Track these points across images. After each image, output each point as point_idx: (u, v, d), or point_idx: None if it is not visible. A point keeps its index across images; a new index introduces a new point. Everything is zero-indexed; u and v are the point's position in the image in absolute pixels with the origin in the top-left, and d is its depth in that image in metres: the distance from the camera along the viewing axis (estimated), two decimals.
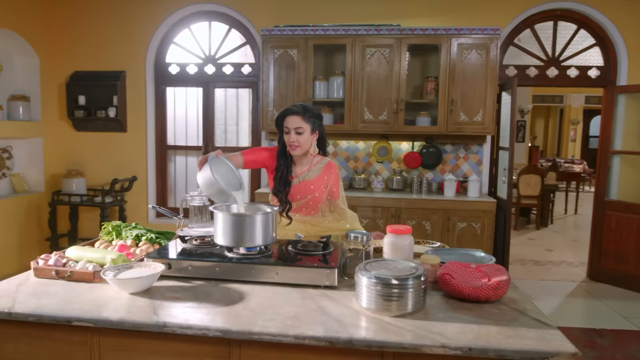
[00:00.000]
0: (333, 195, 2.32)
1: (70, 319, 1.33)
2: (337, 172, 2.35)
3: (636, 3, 4.31)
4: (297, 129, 2.13)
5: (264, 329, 1.27)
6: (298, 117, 2.13)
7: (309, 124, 2.15)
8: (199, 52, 4.93)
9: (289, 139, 2.16)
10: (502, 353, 1.19)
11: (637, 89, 4.34)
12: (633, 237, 4.31)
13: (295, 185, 2.24)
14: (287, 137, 2.16)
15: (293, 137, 2.14)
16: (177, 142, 5.07)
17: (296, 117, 2.13)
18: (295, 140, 2.14)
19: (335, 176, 2.31)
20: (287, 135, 2.16)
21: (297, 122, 2.13)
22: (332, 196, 2.32)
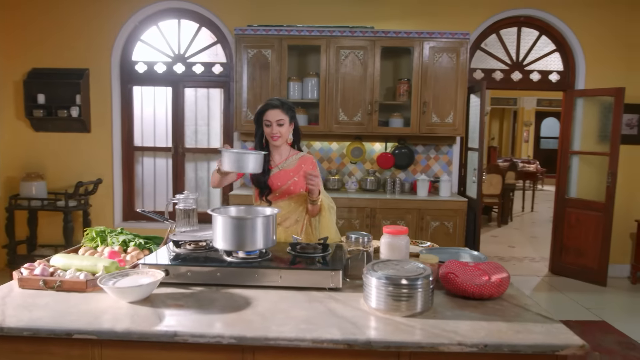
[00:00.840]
0: None
1: (71, 332, 1.25)
2: (316, 164, 2.40)
3: (593, 12, 4.58)
4: (278, 121, 2.23)
5: (280, 334, 1.25)
6: (278, 110, 2.23)
7: (288, 115, 2.26)
8: (168, 51, 4.79)
9: (271, 131, 2.24)
10: (516, 348, 1.23)
11: (593, 93, 4.60)
12: (591, 232, 4.57)
13: (275, 174, 2.32)
14: (269, 130, 2.25)
15: (275, 129, 2.24)
16: (145, 143, 4.90)
17: (276, 111, 2.23)
18: (277, 131, 2.24)
19: (314, 167, 2.37)
20: (268, 128, 2.25)
21: (277, 114, 2.23)
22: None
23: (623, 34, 4.60)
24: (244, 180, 4.78)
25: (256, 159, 1.90)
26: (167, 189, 4.92)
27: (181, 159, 4.87)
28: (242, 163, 1.87)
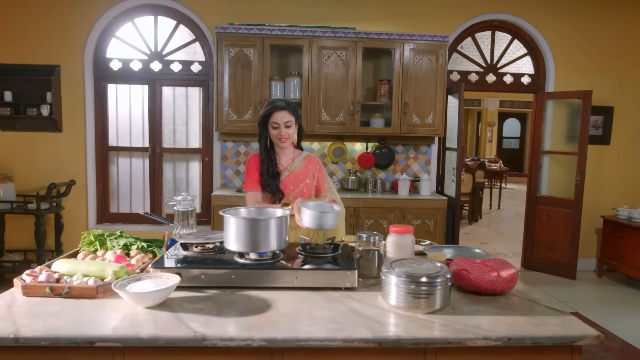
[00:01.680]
0: (319, 189, 2.41)
1: (93, 340, 1.21)
2: (320, 163, 2.44)
3: (563, 18, 4.80)
4: (286, 123, 2.22)
5: (311, 334, 1.25)
6: (285, 111, 2.22)
7: (294, 116, 2.26)
8: (144, 48, 4.65)
9: (279, 133, 2.23)
10: (537, 340, 1.28)
11: (562, 96, 4.83)
12: (561, 228, 4.79)
13: (286, 178, 2.31)
14: (277, 132, 2.23)
15: (284, 131, 2.23)
16: (121, 142, 4.74)
17: (284, 112, 2.22)
18: (285, 133, 2.23)
19: (319, 166, 2.41)
20: (275, 130, 2.23)
21: (285, 116, 2.22)
22: (318, 189, 2.40)
23: (591, 39, 4.85)
24: (225, 181, 4.72)
25: (335, 216, 1.87)
26: (143, 190, 4.78)
27: (159, 159, 4.74)
28: (323, 220, 1.84)
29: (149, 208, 4.78)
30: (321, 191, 2.41)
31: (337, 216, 1.87)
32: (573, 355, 1.33)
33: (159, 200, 4.77)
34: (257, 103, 4.28)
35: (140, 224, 4.74)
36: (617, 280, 4.80)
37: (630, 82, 4.91)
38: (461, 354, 1.31)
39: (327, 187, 2.44)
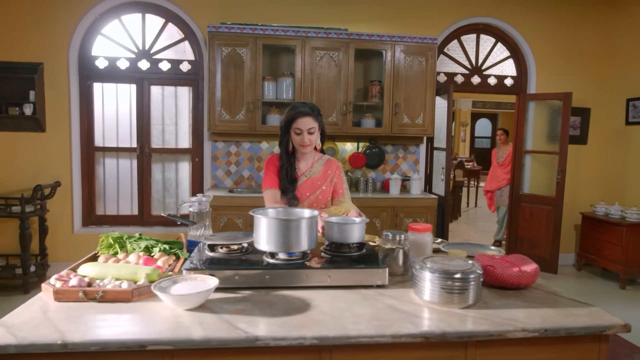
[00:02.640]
0: (335, 192, 2.37)
1: (144, 343, 1.19)
2: (340, 168, 2.40)
3: (544, 22, 4.99)
4: (310, 129, 2.18)
5: (360, 331, 1.27)
6: (310, 117, 2.17)
7: (318, 122, 2.21)
8: (131, 46, 4.55)
9: (301, 139, 2.19)
10: (571, 330, 1.35)
11: (544, 97, 5.02)
12: (543, 225, 4.99)
13: (303, 183, 2.28)
14: (300, 138, 2.19)
15: (306, 137, 2.19)
16: (107, 143, 4.62)
17: (308, 118, 2.17)
18: (308, 139, 2.19)
19: (338, 171, 2.38)
20: (298, 136, 2.19)
21: (309, 122, 2.17)
22: (335, 193, 2.37)
23: (570, 43, 5.06)
24: (254, 180, 4.68)
25: (361, 227, 1.83)
26: (131, 192, 4.67)
27: (147, 159, 4.65)
28: (349, 233, 1.80)
29: (137, 209, 4.68)
30: (337, 195, 2.36)
31: (363, 228, 1.84)
32: (601, 344, 1.41)
33: (148, 201, 4.68)
34: (250, 103, 4.27)
35: (128, 226, 4.64)
36: (595, 273, 5.03)
37: (606, 84, 5.16)
38: (500, 346, 1.36)
39: (343, 193, 2.37)
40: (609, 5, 5.09)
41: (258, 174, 4.75)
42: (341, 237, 1.81)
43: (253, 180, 4.73)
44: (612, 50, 5.11)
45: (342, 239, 1.81)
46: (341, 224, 1.81)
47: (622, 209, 4.66)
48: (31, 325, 1.26)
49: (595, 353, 1.41)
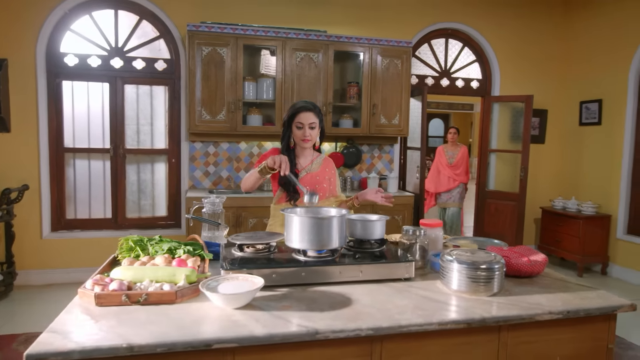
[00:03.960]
0: (332, 192, 2.46)
1: (210, 342, 1.21)
2: (335, 168, 2.50)
3: (507, 28, 5.31)
4: (311, 124, 2.26)
5: (409, 321, 1.36)
6: (311, 113, 2.26)
7: (318, 118, 2.29)
8: (103, 43, 4.39)
9: (303, 134, 2.26)
10: (589, 312, 1.50)
11: (507, 99, 5.34)
12: (508, 219, 5.31)
13: (303, 178, 2.35)
14: (301, 132, 2.26)
15: (307, 132, 2.26)
16: (78, 144, 4.42)
17: (310, 114, 2.25)
18: (309, 134, 2.26)
19: (334, 170, 2.48)
20: (300, 130, 2.26)
21: (311, 117, 2.25)
22: (331, 190, 2.45)
23: (530, 48, 5.42)
24: (233, 180, 4.60)
25: (382, 225, 1.89)
26: (104, 194, 4.50)
27: (121, 160, 4.50)
28: (371, 230, 1.87)
29: (111, 212, 4.52)
30: (333, 195, 2.44)
31: (384, 224, 1.91)
32: (610, 323, 1.58)
33: (122, 203, 4.53)
34: (231, 103, 4.24)
35: (101, 230, 4.48)
36: (554, 263, 5.42)
37: (562, 87, 5.57)
38: (527, 329, 1.49)
39: (336, 192, 2.46)
40: (563, 16, 5.49)
41: (237, 174, 4.72)
42: (364, 234, 1.89)
43: (232, 181, 4.70)
44: (567, 56, 5.52)
45: (365, 236, 1.89)
46: (365, 221, 1.89)
47: (578, 203, 5.05)
48: (86, 330, 1.24)
49: (605, 331, 1.58)
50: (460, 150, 5.80)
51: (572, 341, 1.54)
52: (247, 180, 2.20)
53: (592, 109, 5.17)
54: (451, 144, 5.91)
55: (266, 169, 2.03)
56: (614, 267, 4.93)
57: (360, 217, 1.93)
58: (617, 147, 4.90)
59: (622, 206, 4.85)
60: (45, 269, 4.30)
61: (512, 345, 1.49)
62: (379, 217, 1.95)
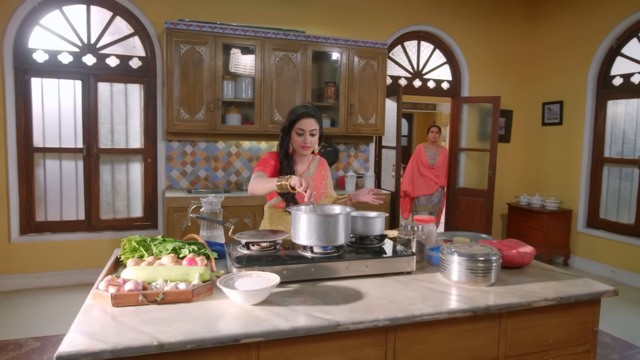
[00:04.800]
0: (325, 188, 2.50)
1: (238, 337, 1.24)
2: (328, 166, 2.54)
3: (476, 31, 5.53)
4: (312, 131, 2.25)
5: (422, 311, 1.44)
6: (313, 119, 2.24)
7: (319, 124, 2.29)
8: (75, 39, 4.25)
9: (303, 140, 2.25)
10: (579, 297, 1.64)
11: (475, 100, 5.57)
12: (477, 215, 5.54)
13: None
14: (301, 139, 2.25)
15: (308, 139, 2.25)
16: (48, 143, 4.26)
17: (312, 120, 2.24)
18: (309, 141, 2.25)
19: (327, 171, 2.52)
20: (300, 137, 2.24)
21: (312, 124, 2.24)
22: (324, 190, 2.49)
23: (497, 51, 5.67)
24: (210, 180, 4.54)
25: (382, 221, 1.98)
26: (77, 195, 4.36)
27: (95, 160, 4.37)
28: (372, 226, 1.94)
29: (84, 214, 4.38)
30: (326, 193, 2.48)
31: (383, 220, 1.99)
32: (595, 307, 1.72)
33: (96, 204, 4.40)
34: (210, 102, 4.22)
35: (74, 232, 4.34)
36: None
37: (526, 88, 5.86)
38: (524, 315, 1.61)
39: (330, 192, 2.50)
40: (526, 19, 5.78)
41: (215, 173, 4.69)
42: (365, 230, 1.96)
43: (210, 180, 4.66)
44: (531, 58, 5.82)
45: (366, 232, 1.96)
46: (365, 218, 1.96)
47: (542, 199, 5.35)
48: (111, 330, 1.24)
49: (591, 315, 1.72)
50: (442, 151, 5.54)
51: (563, 325, 1.67)
52: (259, 188, 2.05)
53: (554, 109, 5.48)
54: (432, 143, 5.55)
55: (287, 187, 1.89)
56: (575, 258, 5.26)
57: (361, 214, 2.00)
58: (577, 146, 5.22)
59: (582, 201, 5.18)
60: (14, 274, 4.12)
61: (511, 331, 1.60)
62: (379, 214, 2.02)
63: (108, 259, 4.29)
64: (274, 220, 2.40)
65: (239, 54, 4.53)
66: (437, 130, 5.53)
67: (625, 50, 4.80)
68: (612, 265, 4.83)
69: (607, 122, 5.02)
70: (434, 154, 5.50)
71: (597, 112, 5.07)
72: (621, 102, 4.88)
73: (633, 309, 3.99)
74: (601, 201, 5.08)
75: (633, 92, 4.74)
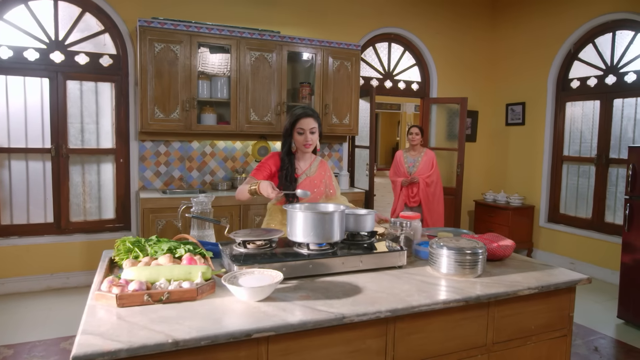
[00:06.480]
0: (332, 193, 2.56)
1: (250, 332, 1.28)
2: (329, 169, 2.61)
3: (443, 34, 5.72)
4: (312, 129, 2.34)
5: (419, 302, 1.52)
6: (312, 118, 2.34)
7: (317, 123, 2.38)
8: (41, 36, 4.10)
9: (304, 139, 2.33)
10: (558, 285, 1.77)
11: (444, 101, 5.77)
12: (446, 212, 5.71)
13: (303, 181, 2.42)
14: (302, 138, 2.33)
15: (309, 137, 2.34)
16: (13, 143, 4.09)
17: (310, 119, 2.34)
18: (310, 139, 2.34)
19: (329, 172, 2.58)
20: (301, 136, 2.33)
21: (311, 123, 2.34)
22: (331, 194, 2.56)
23: (466, 53, 5.89)
24: (185, 180, 4.46)
25: (372, 218, 2.05)
26: (45, 197, 4.21)
27: (64, 161, 4.23)
28: (363, 223, 2.01)
29: (53, 216, 4.23)
30: (334, 195, 2.54)
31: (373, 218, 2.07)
32: (571, 294, 1.86)
33: (66, 206, 4.26)
34: (185, 102, 4.17)
35: (42, 236, 4.19)
36: None
37: (490, 90, 6.12)
38: (509, 303, 1.72)
39: (335, 192, 2.56)
40: (490, 23, 6.04)
41: (189, 173, 4.64)
42: (356, 227, 2.03)
43: (184, 181, 4.61)
44: (494, 62, 6.08)
45: (357, 229, 2.03)
46: (357, 215, 2.03)
47: (506, 195, 5.61)
48: (123, 330, 1.25)
49: (568, 302, 1.86)
50: (425, 156, 4.59)
51: (544, 312, 1.80)
52: (241, 195, 2.27)
53: (517, 110, 5.75)
54: (412, 148, 4.63)
55: (257, 191, 2.13)
56: (538, 252, 5.55)
57: (352, 212, 2.07)
58: (538, 145, 5.50)
59: (543, 197, 5.47)
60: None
61: (498, 319, 1.71)
62: (368, 211, 2.10)
63: (79, 262, 4.20)
64: (274, 219, 2.46)
65: (207, 53, 4.50)
66: (417, 132, 4.57)
67: (582, 55, 5.10)
68: (571, 257, 5.13)
69: (565, 122, 5.33)
70: (414, 160, 4.61)
71: (557, 113, 5.37)
72: (578, 104, 5.19)
73: (593, 297, 4.26)
74: (561, 197, 5.39)
75: (589, 95, 5.05)
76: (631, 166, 3.64)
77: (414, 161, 4.68)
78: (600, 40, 4.92)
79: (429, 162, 4.63)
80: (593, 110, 5.03)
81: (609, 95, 4.83)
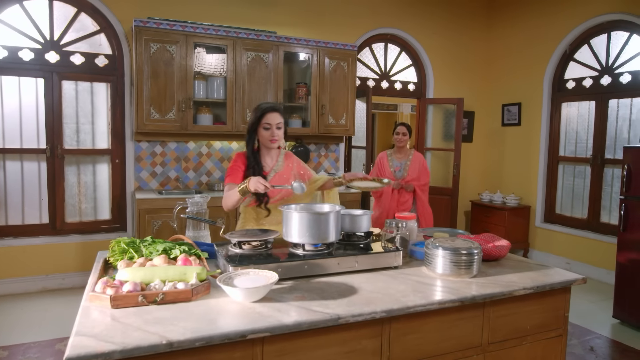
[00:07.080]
0: (306, 175, 2.54)
1: (245, 333, 1.27)
2: (298, 158, 2.58)
3: (439, 34, 5.73)
4: (278, 124, 2.31)
5: (415, 302, 1.52)
6: (277, 113, 2.31)
7: (284, 118, 2.36)
8: (37, 36, 4.08)
9: (270, 134, 2.30)
10: (553, 286, 1.77)
11: (440, 102, 5.78)
12: (442, 212, 5.74)
13: (272, 178, 2.38)
14: (269, 133, 2.30)
15: (275, 132, 2.31)
16: (8, 144, 4.07)
17: (276, 114, 2.31)
18: (276, 134, 2.31)
19: (297, 161, 2.54)
20: (267, 131, 2.30)
21: (277, 118, 2.31)
22: (307, 177, 2.53)
23: (462, 54, 5.91)
24: (181, 181, 4.45)
25: (368, 219, 2.07)
26: (40, 198, 4.19)
27: (59, 162, 4.21)
28: (359, 224, 2.03)
29: (48, 217, 4.21)
30: (310, 177, 2.52)
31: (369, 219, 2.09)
32: (566, 294, 1.87)
33: (61, 207, 4.24)
34: (182, 102, 4.16)
35: (37, 237, 4.17)
36: None
37: (487, 90, 6.13)
38: (504, 303, 1.72)
39: (311, 174, 2.55)
40: (486, 25, 6.06)
41: (185, 174, 4.63)
42: (352, 228, 2.03)
43: (181, 181, 4.60)
44: (491, 62, 6.09)
45: (353, 229, 2.03)
46: (353, 215, 2.03)
47: (503, 196, 5.62)
48: (117, 331, 1.24)
49: (563, 302, 1.86)
50: (413, 158, 4.01)
51: (539, 312, 1.80)
52: (228, 201, 2.21)
53: (513, 111, 5.77)
54: (398, 149, 4.04)
55: (247, 189, 2.06)
56: (534, 252, 5.56)
57: (348, 212, 2.07)
58: (534, 146, 5.52)
59: (539, 198, 5.48)
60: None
61: (493, 319, 1.71)
62: (364, 212, 2.10)
63: (74, 263, 4.18)
64: (249, 219, 2.41)
65: (203, 53, 4.49)
66: (404, 131, 3.97)
67: (578, 56, 5.12)
68: (567, 257, 5.15)
69: (561, 123, 5.34)
70: (400, 164, 4.02)
71: (553, 113, 5.39)
72: (574, 105, 5.21)
73: (588, 297, 4.28)
74: (557, 197, 5.40)
75: (584, 95, 5.07)
76: (626, 166, 3.65)
77: (400, 165, 4.00)
78: (596, 41, 4.94)
79: (420, 166, 3.97)
80: (588, 111, 5.04)
81: (604, 96, 4.85)
